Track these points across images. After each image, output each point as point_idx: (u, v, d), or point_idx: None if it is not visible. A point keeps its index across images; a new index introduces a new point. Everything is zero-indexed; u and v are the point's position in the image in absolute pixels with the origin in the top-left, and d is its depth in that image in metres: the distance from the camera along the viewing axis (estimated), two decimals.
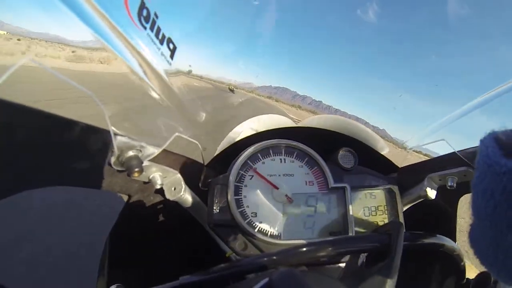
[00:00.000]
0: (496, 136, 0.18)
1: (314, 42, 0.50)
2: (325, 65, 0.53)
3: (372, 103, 0.54)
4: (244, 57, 0.45)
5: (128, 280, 0.35)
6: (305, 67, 0.52)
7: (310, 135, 0.51)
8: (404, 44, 0.56)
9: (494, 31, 0.48)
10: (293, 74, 0.51)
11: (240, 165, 0.44)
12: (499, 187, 0.17)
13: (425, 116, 0.54)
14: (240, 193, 0.44)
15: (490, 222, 0.18)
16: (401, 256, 0.32)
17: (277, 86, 0.51)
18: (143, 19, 0.34)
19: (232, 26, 0.43)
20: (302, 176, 0.47)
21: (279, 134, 0.48)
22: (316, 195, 0.46)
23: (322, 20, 0.49)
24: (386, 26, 0.52)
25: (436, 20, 0.51)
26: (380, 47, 0.56)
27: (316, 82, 0.54)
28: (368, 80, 0.52)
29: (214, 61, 0.44)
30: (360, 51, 0.55)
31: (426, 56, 0.55)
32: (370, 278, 0.31)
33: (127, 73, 0.35)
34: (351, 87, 0.52)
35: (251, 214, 0.43)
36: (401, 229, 0.35)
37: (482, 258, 0.21)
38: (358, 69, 0.55)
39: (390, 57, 0.57)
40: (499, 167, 0.17)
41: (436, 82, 0.55)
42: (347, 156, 0.50)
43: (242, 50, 0.45)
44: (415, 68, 0.57)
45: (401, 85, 0.55)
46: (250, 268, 0.32)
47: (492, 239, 0.19)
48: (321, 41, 0.50)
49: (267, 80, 0.48)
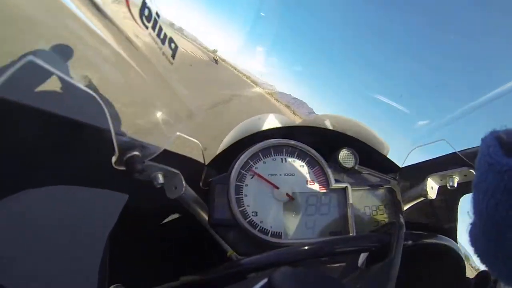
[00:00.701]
0: (497, 135, 0.18)
1: (318, 41, 0.50)
2: (328, 66, 0.53)
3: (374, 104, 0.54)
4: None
5: (128, 280, 0.35)
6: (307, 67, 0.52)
7: (311, 134, 0.51)
8: (405, 44, 0.56)
9: (496, 31, 0.48)
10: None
11: (241, 165, 0.44)
12: (500, 186, 0.17)
13: (426, 116, 0.54)
14: (241, 192, 0.44)
15: (491, 221, 0.18)
16: (401, 255, 0.32)
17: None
18: (145, 18, 0.34)
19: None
20: (303, 175, 0.47)
21: (280, 134, 0.48)
22: (317, 194, 0.46)
23: (327, 22, 0.49)
24: (388, 27, 0.52)
25: (437, 20, 0.52)
26: (382, 48, 0.56)
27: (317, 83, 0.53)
28: (370, 81, 0.53)
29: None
30: (362, 52, 0.55)
31: (427, 56, 0.55)
32: (370, 278, 0.31)
33: (128, 71, 0.35)
34: (353, 88, 0.52)
35: (251, 213, 0.43)
36: (401, 229, 0.35)
37: (482, 257, 0.21)
38: (359, 70, 0.55)
39: (392, 57, 0.57)
40: (501, 166, 0.17)
41: (437, 82, 0.55)
42: (348, 156, 0.50)
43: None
44: (416, 68, 0.57)
45: (402, 85, 0.56)
46: (251, 268, 0.32)
47: (492, 238, 0.19)
48: (324, 41, 0.50)
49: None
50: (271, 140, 0.47)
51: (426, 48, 0.56)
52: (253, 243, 0.42)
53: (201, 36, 0.32)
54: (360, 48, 0.53)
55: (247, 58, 0.42)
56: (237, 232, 0.42)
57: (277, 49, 0.47)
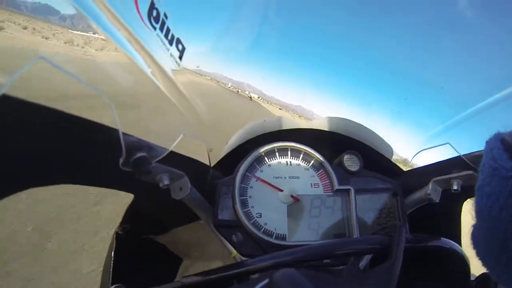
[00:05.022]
0: (502, 138, 0.18)
1: (319, 47, 0.50)
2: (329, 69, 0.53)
3: (379, 106, 0.54)
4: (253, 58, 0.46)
5: (130, 280, 0.35)
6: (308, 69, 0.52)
7: (316, 137, 0.51)
8: (407, 45, 0.56)
9: (500, 32, 0.48)
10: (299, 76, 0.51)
11: (246, 167, 0.44)
12: (505, 191, 0.17)
13: (430, 119, 0.54)
14: (246, 194, 0.44)
15: (494, 225, 0.18)
16: (403, 258, 0.32)
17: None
18: (153, 19, 0.34)
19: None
20: (307, 178, 0.47)
21: (285, 136, 0.48)
22: (321, 197, 0.46)
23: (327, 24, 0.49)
24: (391, 29, 0.52)
25: (440, 21, 0.51)
26: (384, 49, 0.55)
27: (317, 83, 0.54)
28: (374, 83, 0.53)
29: (222, 61, 0.44)
30: (366, 54, 0.55)
31: (432, 58, 0.55)
32: (370, 280, 0.31)
33: (135, 71, 0.35)
34: (357, 90, 0.53)
35: (256, 215, 0.43)
36: (402, 231, 0.35)
37: (484, 260, 0.21)
38: (362, 72, 0.55)
39: (394, 58, 0.57)
40: (505, 171, 0.17)
41: (442, 85, 0.55)
42: (352, 159, 0.50)
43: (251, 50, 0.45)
44: (420, 71, 0.57)
45: (407, 87, 0.55)
46: (253, 269, 0.32)
47: (495, 242, 0.18)
48: (326, 46, 0.51)
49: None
50: (276, 143, 0.47)
51: (430, 49, 0.56)
52: (256, 244, 0.42)
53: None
54: (363, 48, 0.54)
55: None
56: (241, 234, 0.42)
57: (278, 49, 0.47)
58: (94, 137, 0.30)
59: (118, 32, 0.31)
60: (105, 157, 0.33)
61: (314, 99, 0.54)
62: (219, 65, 0.45)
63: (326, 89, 0.54)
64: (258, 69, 0.48)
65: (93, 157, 0.33)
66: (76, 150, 0.31)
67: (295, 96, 0.55)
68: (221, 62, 0.46)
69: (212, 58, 0.43)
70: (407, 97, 0.53)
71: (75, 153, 0.31)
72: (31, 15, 0.26)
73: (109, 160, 0.32)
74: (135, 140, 0.32)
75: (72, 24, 0.29)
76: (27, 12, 0.25)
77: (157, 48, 0.36)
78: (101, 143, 0.31)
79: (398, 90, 0.57)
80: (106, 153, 0.32)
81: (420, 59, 0.55)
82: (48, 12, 0.26)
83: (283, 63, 0.51)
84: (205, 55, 0.42)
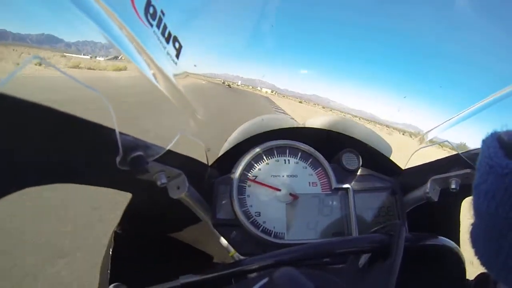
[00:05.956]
0: (498, 137, 0.18)
1: (322, 40, 0.50)
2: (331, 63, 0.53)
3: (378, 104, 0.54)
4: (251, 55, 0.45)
5: (128, 279, 0.35)
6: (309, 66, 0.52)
7: (314, 135, 0.51)
8: (408, 45, 0.56)
9: (500, 31, 0.48)
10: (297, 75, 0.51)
11: (244, 166, 0.44)
12: (501, 188, 0.17)
13: (429, 117, 0.54)
14: (244, 193, 0.44)
15: (492, 222, 0.18)
16: (402, 256, 0.32)
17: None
18: (150, 16, 0.33)
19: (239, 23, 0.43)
20: (305, 177, 0.47)
21: (283, 135, 0.48)
22: (320, 195, 0.46)
23: (330, 18, 0.48)
24: (392, 27, 0.52)
25: (442, 19, 0.51)
26: (385, 48, 0.55)
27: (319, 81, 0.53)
28: (374, 81, 0.52)
29: (220, 59, 0.44)
30: (366, 50, 0.54)
31: (431, 57, 0.55)
32: (370, 278, 0.31)
33: (131, 70, 0.34)
34: (358, 88, 0.52)
35: (254, 213, 0.43)
36: (402, 230, 0.35)
37: (483, 259, 0.21)
38: (363, 70, 0.55)
39: (394, 58, 0.56)
40: (501, 169, 0.17)
41: (440, 83, 0.55)
42: (350, 158, 0.50)
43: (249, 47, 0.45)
44: (419, 69, 0.57)
45: (405, 86, 0.55)
46: (252, 268, 0.32)
47: (493, 240, 0.19)
48: (328, 39, 0.50)
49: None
50: (274, 141, 0.47)
51: (430, 48, 0.56)
52: (255, 243, 0.42)
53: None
54: (363, 46, 0.53)
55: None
56: (239, 232, 0.42)
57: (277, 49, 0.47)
58: (91, 136, 0.30)
59: (113, 28, 0.30)
60: (102, 156, 0.32)
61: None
62: (217, 64, 0.45)
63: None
64: (257, 66, 0.48)
65: (90, 156, 0.33)
66: (73, 150, 0.31)
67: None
68: (219, 60, 0.46)
69: (209, 56, 0.42)
70: (405, 96, 0.53)
71: (72, 152, 0.31)
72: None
73: (106, 159, 0.32)
74: (132, 139, 0.31)
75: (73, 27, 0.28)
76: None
77: (154, 47, 0.35)
78: (98, 142, 0.31)
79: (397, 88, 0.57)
80: (103, 152, 0.32)
81: (421, 60, 0.55)
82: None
83: (285, 55, 0.50)
84: (203, 54, 0.42)
